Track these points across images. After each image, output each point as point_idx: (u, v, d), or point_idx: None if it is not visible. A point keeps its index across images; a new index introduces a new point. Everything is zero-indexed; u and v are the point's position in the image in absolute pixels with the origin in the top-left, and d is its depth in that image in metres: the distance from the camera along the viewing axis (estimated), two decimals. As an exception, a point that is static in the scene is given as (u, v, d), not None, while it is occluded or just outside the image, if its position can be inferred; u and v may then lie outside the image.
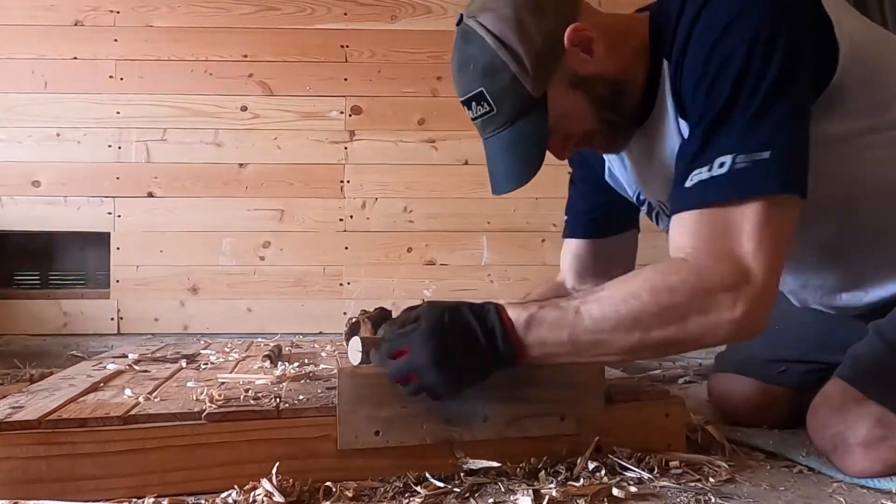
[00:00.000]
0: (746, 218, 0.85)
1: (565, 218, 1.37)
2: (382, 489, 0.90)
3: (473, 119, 1.03)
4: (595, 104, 1.01)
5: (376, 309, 1.30)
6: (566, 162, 1.16)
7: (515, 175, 1.01)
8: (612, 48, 0.99)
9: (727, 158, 0.85)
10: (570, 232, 1.35)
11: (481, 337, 0.87)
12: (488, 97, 0.98)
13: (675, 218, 0.90)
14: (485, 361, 0.89)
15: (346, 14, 2.44)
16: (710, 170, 0.86)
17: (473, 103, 1.00)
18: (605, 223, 1.30)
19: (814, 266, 1.13)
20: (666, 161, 1.03)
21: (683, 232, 0.89)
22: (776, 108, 0.86)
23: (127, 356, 1.41)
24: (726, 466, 0.99)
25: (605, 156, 1.22)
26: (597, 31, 0.98)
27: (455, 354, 0.87)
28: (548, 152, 1.04)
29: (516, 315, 0.89)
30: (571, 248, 1.34)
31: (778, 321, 1.26)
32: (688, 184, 0.89)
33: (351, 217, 2.43)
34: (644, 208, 1.21)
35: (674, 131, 1.00)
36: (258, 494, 0.84)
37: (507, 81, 0.97)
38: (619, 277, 0.92)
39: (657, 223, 1.20)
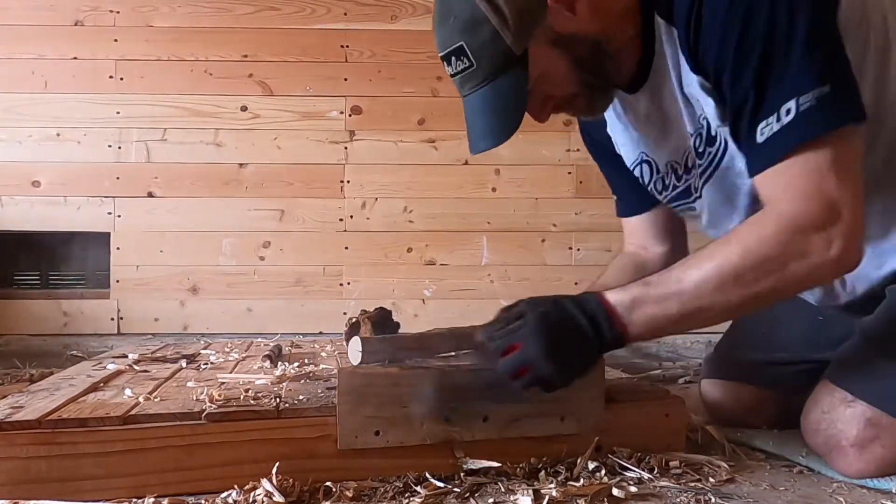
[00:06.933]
0: (823, 155, 0.86)
1: (615, 198, 1.34)
2: (382, 489, 0.90)
3: (452, 75, 0.99)
4: (576, 65, 0.99)
5: (376, 309, 1.30)
6: (567, 161, 1.16)
7: (493, 133, 0.99)
8: (596, 8, 0.97)
9: (791, 104, 0.85)
10: (629, 210, 1.32)
11: (587, 325, 0.91)
12: (468, 52, 0.95)
13: (760, 177, 0.90)
14: (592, 348, 0.92)
15: (346, 14, 2.43)
16: (778, 119, 0.86)
17: (453, 58, 0.97)
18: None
19: None
20: (675, 120, 1.03)
21: (773, 187, 0.89)
22: (817, 40, 0.86)
23: (127, 356, 1.41)
24: (726, 466, 0.99)
25: (608, 130, 1.20)
26: None
27: (565, 345, 0.90)
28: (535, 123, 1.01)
29: (618, 299, 0.91)
30: (639, 223, 1.31)
31: (765, 324, 1.26)
32: (760, 139, 0.88)
33: (351, 217, 2.43)
34: (646, 177, 1.18)
35: (676, 91, 0.99)
36: (258, 494, 0.84)
37: (488, 36, 0.94)
38: (713, 241, 0.93)
39: (658, 193, 1.18)
